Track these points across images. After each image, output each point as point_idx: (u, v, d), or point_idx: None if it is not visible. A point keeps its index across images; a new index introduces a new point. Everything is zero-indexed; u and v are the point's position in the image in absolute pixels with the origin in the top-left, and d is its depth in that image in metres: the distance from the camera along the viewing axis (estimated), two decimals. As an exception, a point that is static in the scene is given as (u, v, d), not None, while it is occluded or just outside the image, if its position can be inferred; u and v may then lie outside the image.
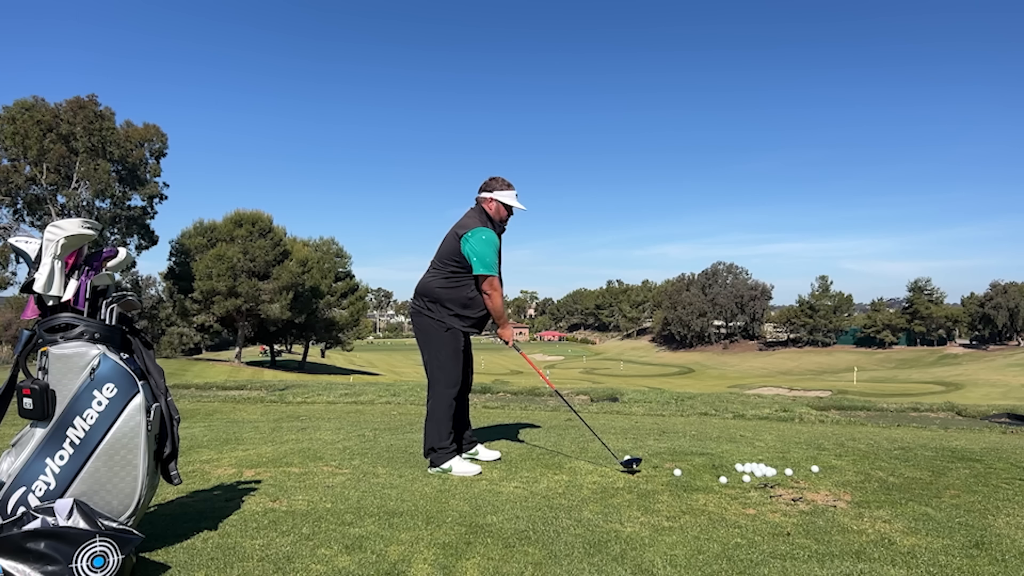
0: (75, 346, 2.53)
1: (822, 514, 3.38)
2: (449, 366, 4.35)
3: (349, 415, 7.67)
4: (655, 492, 3.76)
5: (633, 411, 8.75)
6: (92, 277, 2.65)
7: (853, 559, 2.76)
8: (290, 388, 12.25)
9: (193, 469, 4.32)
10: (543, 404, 9.54)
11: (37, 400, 2.45)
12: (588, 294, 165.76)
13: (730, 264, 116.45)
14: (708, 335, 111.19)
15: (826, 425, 7.50)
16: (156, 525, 3.04)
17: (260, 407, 8.64)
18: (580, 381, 45.32)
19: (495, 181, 4.49)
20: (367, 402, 9.71)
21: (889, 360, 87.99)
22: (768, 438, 5.68)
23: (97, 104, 40.27)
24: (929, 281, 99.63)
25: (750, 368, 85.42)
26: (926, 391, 47.01)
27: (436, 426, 4.30)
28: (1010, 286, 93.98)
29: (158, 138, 43.71)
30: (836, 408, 10.41)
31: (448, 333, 4.35)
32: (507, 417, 7.26)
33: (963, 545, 2.93)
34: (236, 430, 6.10)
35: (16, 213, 40.33)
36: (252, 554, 2.74)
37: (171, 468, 2.77)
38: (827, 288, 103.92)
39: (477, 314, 4.39)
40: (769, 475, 4.15)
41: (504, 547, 2.87)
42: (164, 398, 2.72)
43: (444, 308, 4.34)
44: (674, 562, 2.72)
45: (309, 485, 3.88)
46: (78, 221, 2.57)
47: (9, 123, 37.90)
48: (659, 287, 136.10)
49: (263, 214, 48.23)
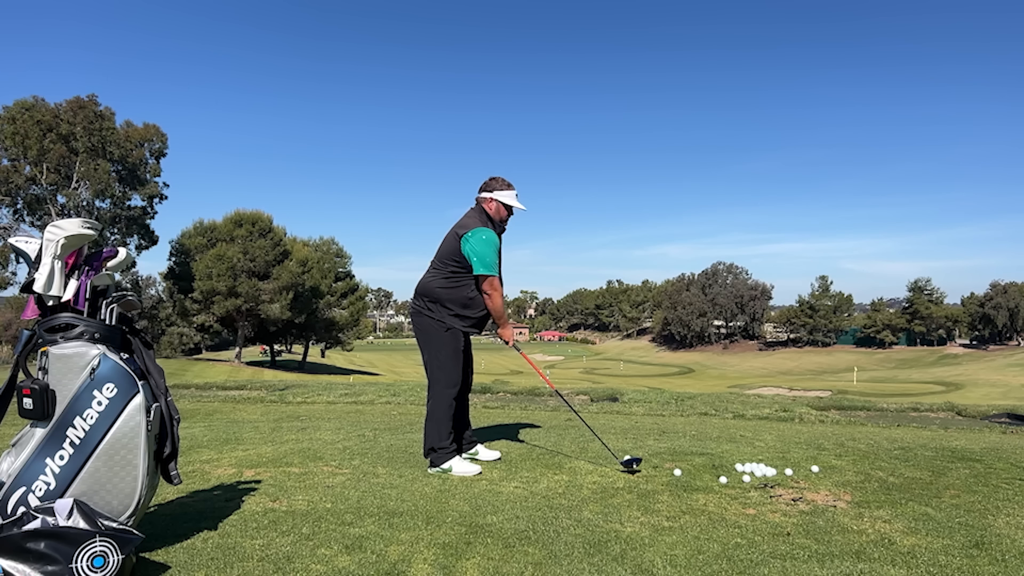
0: (75, 346, 2.53)
1: (822, 514, 3.38)
2: (449, 366, 4.35)
3: (349, 415, 7.67)
4: (655, 492, 3.76)
5: (633, 411, 8.75)
6: (92, 277, 2.65)
7: (853, 559, 2.76)
8: (290, 388, 12.25)
9: (193, 469, 4.32)
10: (543, 404, 9.54)
11: (37, 400, 2.45)
12: (588, 294, 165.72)
13: (730, 264, 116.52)
14: (708, 335, 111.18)
15: (826, 425, 7.50)
16: (156, 525, 3.04)
17: (260, 407, 8.64)
18: (580, 381, 45.31)
19: (495, 181, 4.48)
20: (367, 402, 9.71)
21: (889, 360, 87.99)
22: (768, 438, 5.68)
23: (97, 104, 40.30)
24: (929, 281, 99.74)
25: (750, 368, 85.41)
26: (926, 391, 47.00)
27: (436, 426, 4.30)
28: (1010, 286, 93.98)
29: (158, 138, 43.74)
30: (836, 408, 10.41)
31: (448, 333, 4.34)
32: (507, 417, 7.26)
33: (963, 545, 2.93)
34: (236, 430, 6.10)
35: (16, 213, 40.35)
36: (252, 554, 2.74)
37: (171, 468, 2.77)
38: (827, 288, 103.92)
39: (477, 314, 4.39)
40: (769, 475, 4.15)
41: (504, 547, 2.87)
42: (164, 398, 2.72)
43: (444, 308, 4.34)
44: (674, 562, 2.72)
45: (309, 485, 3.88)
46: (78, 221, 2.57)
47: (9, 123, 37.91)
48: (659, 287, 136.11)
49: (263, 214, 48.28)
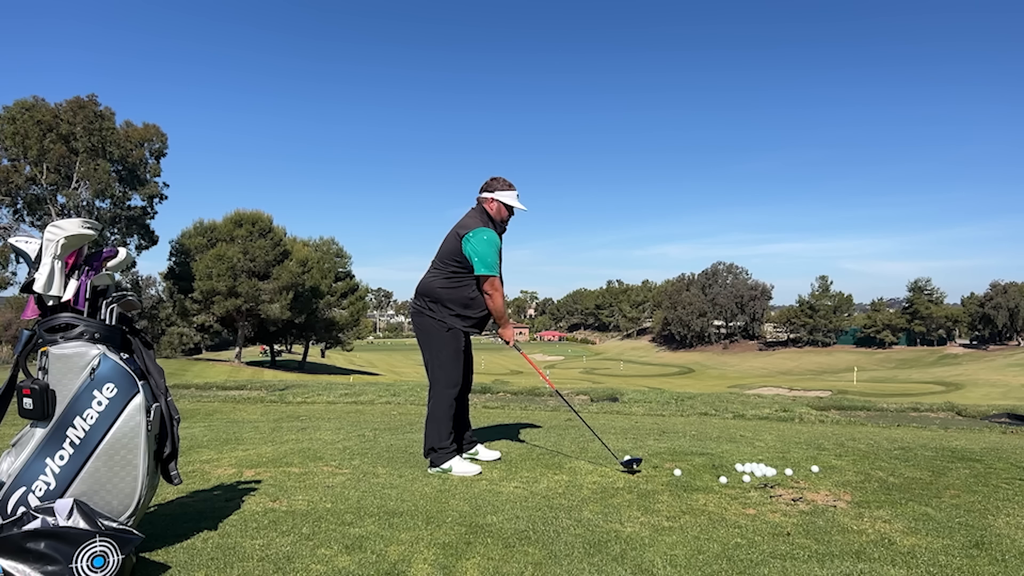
0: (75, 346, 2.53)
1: (822, 514, 3.38)
2: (450, 366, 4.35)
3: (349, 415, 7.67)
4: (655, 492, 3.76)
5: (633, 411, 8.75)
6: (92, 277, 2.64)
7: (853, 559, 2.76)
8: (290, 388, 12.25)
9: (193, 469, 4.32)
10: (543, 404, 9.54)
11: (37, 400, 2.45)
12: (588, 294, 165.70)
13: (730, 264, 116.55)
14: (708, 335, 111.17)
15: (826, 425, 7.50)
16: (156, 525, 3.04)
17: (260, 407, 8.64)
18: (580, 381, 45.31)
19: (496, 181, 4.48)
20: (367, 402, 9.71)
21: (889, 360, 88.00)
22: (768, 438, 5.68)
23: (97, 104, 40.29)
24: (929, 281, 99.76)
25: (750, 368, 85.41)
26: (926, 391, 47.01)
27: (436, 426, 4.30)
28: (1010, 286, 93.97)
29: (158, 138, 43.74)
30: (836, 408, 10.41)
31: (449, 333, 4.34)
32: (507, 417, 7.26)
33: (963, 545, 2.93)
34: (236, 430, 6.10)
35: (16, 213, 40.35)
36: (252, 554, 2.74)
37: (171, 468, 2.77)
38: (827, 288, 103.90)
39: (478, 314, 4.39)
40: (769, 475, 4.15)
41: (504, 547, 2.87)
42: (164, 398, 2.72)
43: (445, 308, 4.34)
44: (674, 562, 2.72)
45: (309, 485, 3.88)
46: (78, 221, 2.56)
47: (9, 123, 37.91)
48: (659, 287, 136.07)
49: (263, 214, 48.27)
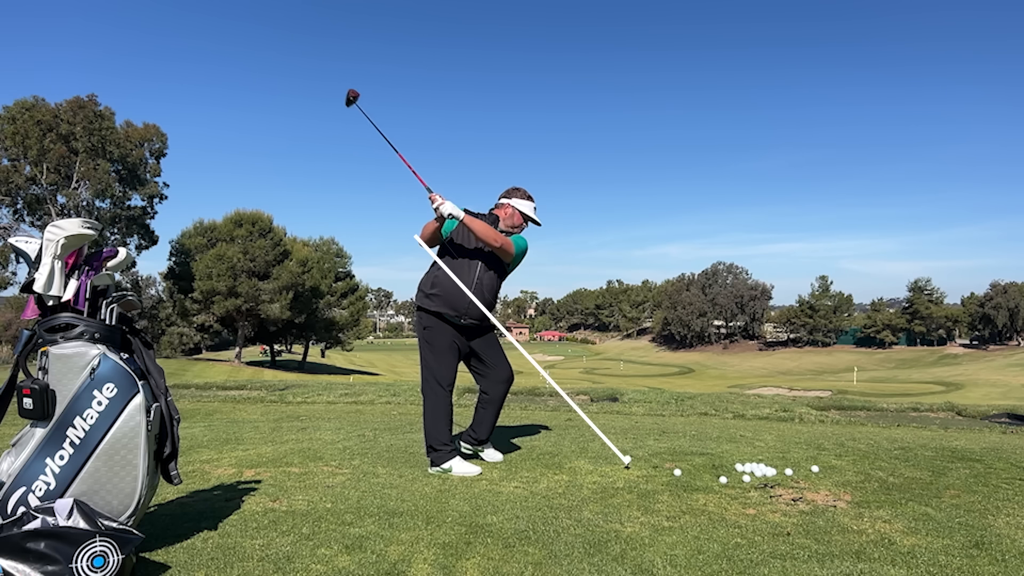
0: (75, 346, 2.53)
1: (822, 514, 3.37)
2: (433, 364, 4.36)
3: (349, 415, 7.67)
4: (655, 492, 3.76)
5: (633, 411, 8.75)
6: (92, 277, 2.64)
7: (853, 559, 2.76)
8: (290, 388, 12.25)
9: (193, 469, 4.32)
10: (543, 404, 9.54)
11: (37, 400, 2.45)
12: (588, 294, 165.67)
13: (730, 264, 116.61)
14: (708, 335, 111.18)
15: (826, 425, 7.50)
16: (156, 525, 3.04)
17: (260, 407, 8.64)
18: (580, 381, 45.33)
19: (517, 191, 4.60)
20: (367, 402, 9.71)
21: (889, 360, 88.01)
22: (768, 438, 5.68)
23: (97, 104, 40.26)
24: (929, 281, 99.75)
25: (750, 368, 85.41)
26: (926, 391, 46.99)
27: (434, 425, 4.31)
28: (1010, 286, 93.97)
29: (158, 138, 43.73)
30: (836, 408, 10.40)
31: (426, 331, 4.38)
32: (507, 417, 7.27)
33: (963, 545, 2.93)
34: (236, 430, 6.10)
35: (16, 213, 40.33)
36: (252, 554, 2.74)
37: (171, 468, 2.77)
38: (827, 288, 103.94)
39: (443, 293, 4.34)
40: (769, 475, 4.15)
41: (504, 547, 2.86)
42: (164, 398, 2.72)
43: (420, 291, 4.47)
44: (674, 562, 2.72)
45: (309, 485, 3.88)
46: (78, 221, 2.56)
47: (9, 123, 37.89)
48: (659, 287, 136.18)
49: (263, 214, 48.23)
